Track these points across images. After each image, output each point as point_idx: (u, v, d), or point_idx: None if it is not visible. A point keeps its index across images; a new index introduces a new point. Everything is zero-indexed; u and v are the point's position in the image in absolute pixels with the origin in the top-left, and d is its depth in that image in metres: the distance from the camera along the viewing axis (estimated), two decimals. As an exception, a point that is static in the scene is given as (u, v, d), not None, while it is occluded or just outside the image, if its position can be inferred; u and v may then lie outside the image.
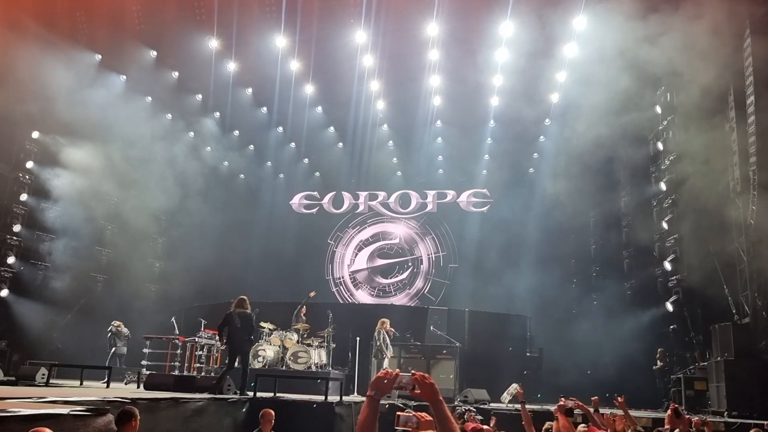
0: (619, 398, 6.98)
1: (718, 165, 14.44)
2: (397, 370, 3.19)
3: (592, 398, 6.76)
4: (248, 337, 11.61)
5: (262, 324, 15.26)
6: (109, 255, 20.11)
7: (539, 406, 12.18)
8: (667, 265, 16.47)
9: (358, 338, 15.85)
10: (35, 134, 17.72)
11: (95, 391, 10.14)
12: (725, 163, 14.52)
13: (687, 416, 5.96)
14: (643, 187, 17.96)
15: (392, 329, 14.40)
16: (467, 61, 17.52)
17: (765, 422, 9.30)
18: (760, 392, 12.27)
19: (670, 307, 16.19)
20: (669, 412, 6.83)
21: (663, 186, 16.87)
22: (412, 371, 3.20)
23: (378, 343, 14.03)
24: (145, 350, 15.09)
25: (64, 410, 6.10)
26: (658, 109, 16.93)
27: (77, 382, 12.20)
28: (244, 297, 11.77)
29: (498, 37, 16.66)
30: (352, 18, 15.99)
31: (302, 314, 15.83)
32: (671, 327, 16.39)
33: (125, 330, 15.37)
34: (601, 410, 6.69)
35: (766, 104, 12.97)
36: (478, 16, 15.91)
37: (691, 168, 14.76)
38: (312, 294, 16.17)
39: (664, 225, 16.71)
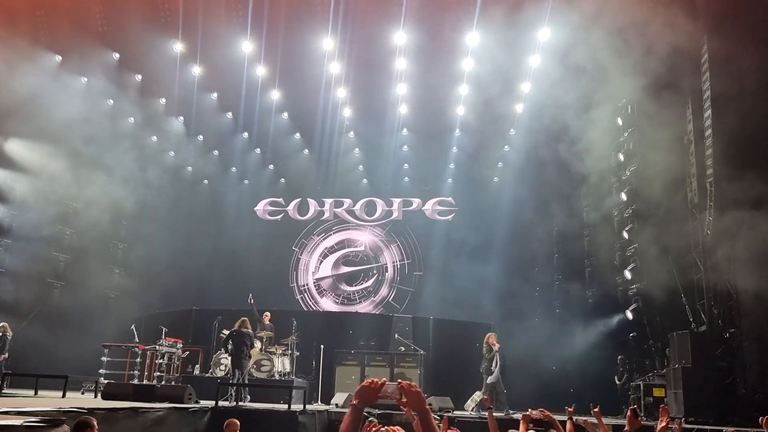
0: (594, 408, 7.21)
1: (677, 176, 14.81)
2: (384, 379, 3.17)
3: (567, 408, 6.87)
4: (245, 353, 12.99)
5: (225, 331, 15.04)
6: (67, 260, 19.59)
7: (503, 414, 12.26)
8: (627, 274, 16.80)
9: (322, 346, 15.75)
10: (-8, 137, 17.20)
11: (50, 401, 9.84)
12: (684, 175, 14.90)
13: (665, 420, 6.20)
14: (604, 197, 18.31)
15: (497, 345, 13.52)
16: (434, 70, 17.69)
17: (722, 428, 9.55)
18: (716, 399, 12.58)
19: (629, 315, 16.51)
20: (629, 413, 7.51)
21: (623, 196, 17.23)
22: (399, 380, 3.18)
23: (490, 357, 13.33)
24: (103, 359, 14.70)
25: (17, 421, 5.89)
26: (620, 121, 17.30)
27: (31, 392, 11.82)
28: (245, 318, 13.46)
29: (464, 46, 16.85)
30: (320, 24, 15.95)
31: (266, 321, 15.66)
32: (631, 335, 16.72)
33: (10, 334, 14.94)
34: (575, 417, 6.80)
35: (722, 118, 13.33)
36: (445, 26, 16.07)
37: (650, 179, 15.11)
38: (250, 300, 15.93)
39: (625, 235, 17.06)
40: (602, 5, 14.01)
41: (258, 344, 15.00)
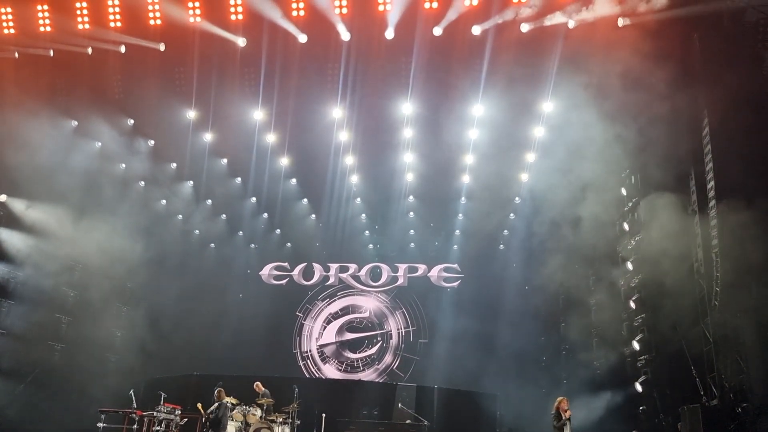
0: None
1: (683, 246, 14.81)
2: None
3: None
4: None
5: (226, 399, 14.78)
6: (69, 323, 19.48)
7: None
8: (635, 345, 16.55)
9: (323, 415, 15.41)
10: (2, 197, 17.47)
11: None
12: (689, 245, 14.90)
13: None
14: (610, 267, 18.24)
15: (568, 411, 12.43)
16: (440, 139, 18.02)
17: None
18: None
19: (639, 387, 16.15)
20: None
21: (630, 266, 17.17)
22: None
23: (560, 425, 12.31)
24: (100, 425, 14.35)
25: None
26: (624, 191, 17.45)
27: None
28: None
29: (470, 117, 17.24)
30: (329, 94, 16.42)
31: (259, 390, 15.30)
32: (641, 408, 16.29)
33: None
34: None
35: (724, 189, 13.45)
36: (451, 97, 16.48)
37: (656, 249, 15.11)
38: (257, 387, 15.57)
39: (632, 305, 16.90)
40: (604, 82, 14.40)
41: (258, 412, 14.69)
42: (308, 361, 24.62)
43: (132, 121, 18.43)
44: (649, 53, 13.75)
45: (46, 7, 14.85)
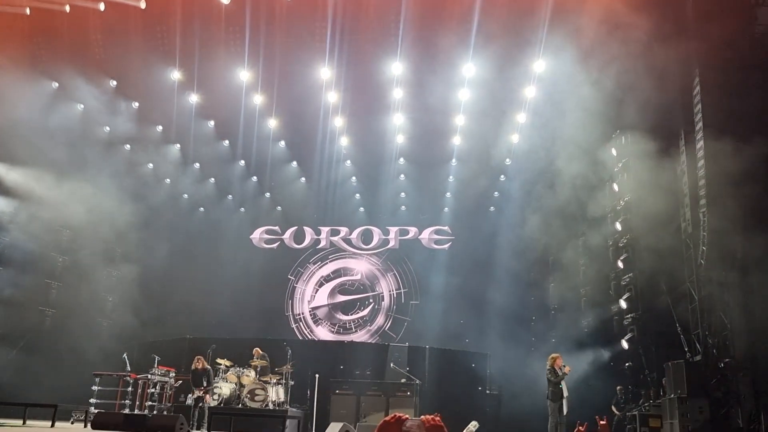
0: (601, 421, 7.04)
1: (671, 206, 14.89)
2: (405, 415, 3.11)
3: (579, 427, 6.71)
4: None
5: (219, 360, 14.91)
6: (59, 288, 19.45)
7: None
8: (623, 304, 16.75)
9: (317, 375, 15.58)
10: (-14, 163, 17.23)
11: (39, 430, 9.69)
12: (677, 204, 14.97)
13: None
14: (599, 228, 18.33)
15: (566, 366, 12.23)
16: (430, 101, 17.81)
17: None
18: (712, 430, 12.46)
19: (625, 344, 16.41)
20: None
21: (618, 226, 17.26)
22: (422, 417, 3.13)
23: (556, 381, 12.04)
24: (94, 388, 14.48)
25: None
26: (614, 152, 17.42)
27: (20, 422, 11.63)
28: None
29: (460, 77, 17.04)
30: (317, 54, 16.15)
31: (255, 356, 15.43)
32: (627, 364, 16.59)
33: None
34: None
35: (714, 149, 13.45)
36: (441, 57, 16.25)
37: (644, 209, 15.18)
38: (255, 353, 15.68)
39: (620, 264, 17.04)
40: (595, 39, 14.23)
41: (252, 373, 14.84)
42: (301, 323, 24.79)
43: (114, 83, 18.07)
44: (641, 7, 13.58)
45: (20, -37, 14.41)
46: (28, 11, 14.96)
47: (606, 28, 13.92)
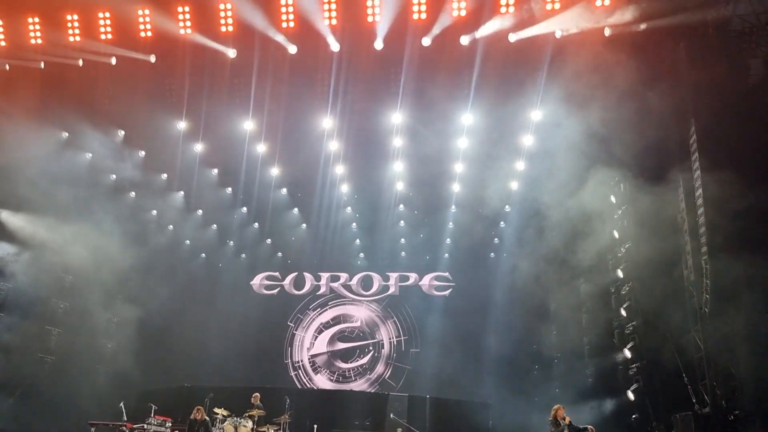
0: None
1: (672, 253, 14.90)
2: None
3: None
4: None
5: (216, 410, 14.72)
6: (59, 335, 19.34)
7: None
8: (627, 353, 16.59)
9: (315, 425, 15.36)
10: (-7, 208, 17.39)
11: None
12: (679, 251, 14.98)
13: None
14: (601, 274, 18.32)
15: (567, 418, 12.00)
16: (429, 149, 18.09)
17: None
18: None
19: (631, 395, 16.18)
20: None
21: (620, 273, 17.25)
22: None
23: None
24: (90, 437, 14.27)
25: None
26: (613, 199, 17.55)
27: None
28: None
29: (459, 125, 17.32)
30: (320, 104, 16.49)
31: (255, 402, 15.24)
32: (633, 416, 16.33)
33: None
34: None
35: (713, 195, 13.55)
36: (440, 107, 16.55)
37: (645, 256, 15.19)
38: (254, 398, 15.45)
39: (623, 312, 16.96)
40: (590, 86, 14.50)
41: (249, 423, 14.63)
42: (300, 371, 24.53)
43: (123, 132, 18.40)
44: (636, 62, 13.89)
45: (37, 19, 14.80)
46: (42, 65, 15.33)
47: (601, 75, 14.20)
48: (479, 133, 17.46)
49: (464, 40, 14.34)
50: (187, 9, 14.52)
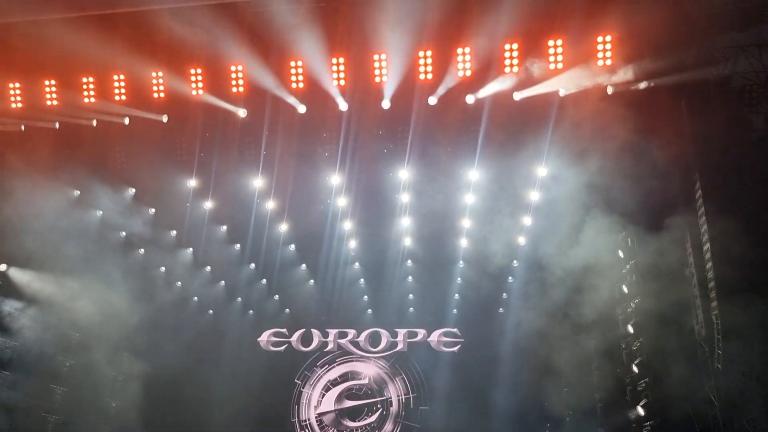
0: None
1: (682, 307, 14.79)
2: None
3: None
4: None
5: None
6: (64, 393, 19.14)
7: None
8: (640, 410, 16.27)
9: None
10: (2, 266, 17.50)
11: None
12: (689, 306, 14.87)
13: None
14: (611, 330, 18.12)
15: None
16: (437, 204, 18.27)
17: None
18: None
19: (646, 454, 15.81)
20: None
21: (630, 329, 17.08)
22: None
23: None
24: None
25: None
26: (620, 253, 17.55)
27: None
28: None
29: (466, 181, 17.53)
30: (328, 161, 16.80)
31: None
32: (648, 476, 15.90)
33: None
34: None
35: (721, 248, 13.56)
36: (447, 162, 16.84)
37: (655, 311, 15.08)
38: None
39: (635, 368, 16.72)
40: (595, 144, 14.72)
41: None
42: (307, 430, 24.07)
43: (133, 190, 18.68)
44: (639, 117, 14.13)
45: (53, 81, 15.27)
46: (57, 125, 15.73)
47: (604, 131, 14.42)
48: (485, 189, 17.65)
49: (470, 98, 14.65)
50: (199, 71, 14.94)
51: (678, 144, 14.50)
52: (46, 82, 15.30)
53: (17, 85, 15.37)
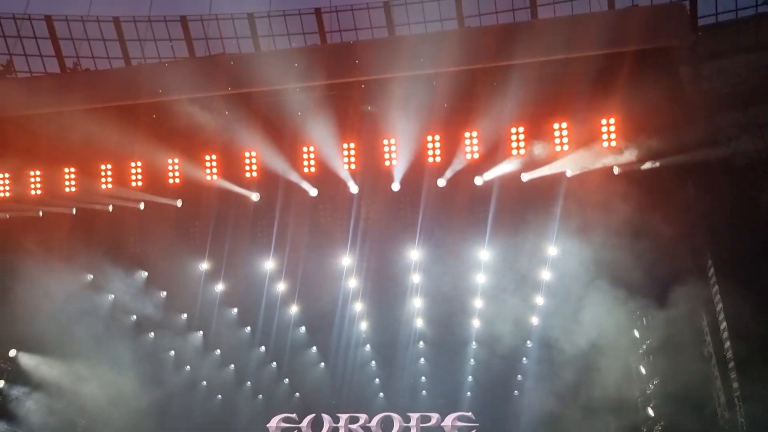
0: None
1: (703, 388, 14.43)
2: None
3: None
4: None
5: None
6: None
7: None
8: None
9: None
10: (12, 352, 17.44)
11: None
12: (709, 386, 14.50)
13: None
14: (630, 412, 17.56)
15: None
16: (448, 285, 18.22)
17: None
18: None
19: None
20: None
21: (650, 412, 16.58)
22: None
23: None
24: None
25: None
26: (636, 333, 17.27)
27: None
28: None
29: (476, 261, 17.54)
30: (339, 243, 16.94)
31: None
32: None
33: None
34: None
35: (737, 328, 13.36)
36: (457, 243, 16.93)
37: (675, 393, 14.68)
38: None
39: (658, 453, 16.12)
40: (605, 223, 14.79)
41: None
42: None
43: (146, 274, 18.81)
44: (647, 196, 14.24)
45: (73, 169, 15.74)
46: (74, 211, 16.08)
47: (613, 209, 14.50)
48: (496, 269, 17.63)
49: (478, 180, 14.90)
50: (214, 157, 15.40)
51: (685, 221, 14.58)
52: (66, 170, 15.77)
53: (38, 172, 15.87)
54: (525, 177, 14.72)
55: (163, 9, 20.29)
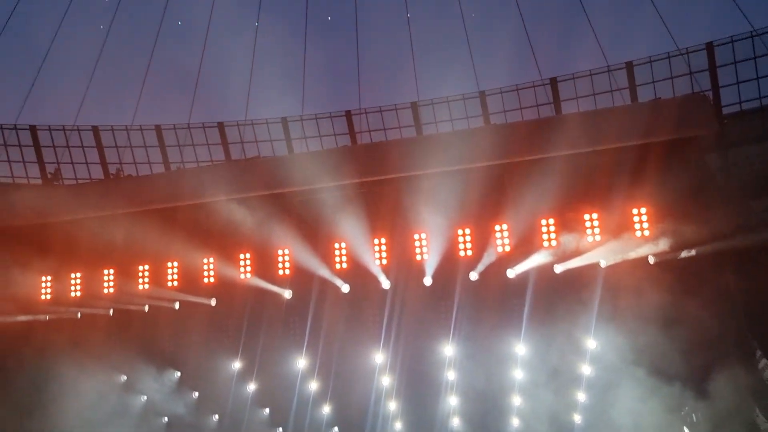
0: None
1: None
2: None
3: None
4: None
5: None
6: None
7: None
8: None
9: None
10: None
11: None
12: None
13: None
14: None
15: None
16: (484, 380, 17.70)
17: None
18: None
19: None
20: None
21: None
22: None
23: None
24: None
25: None
26: (686, 430, 16.40)
27: None
28: None
29: (513, 356, 17.13)
30: (372, 340, 16.79)
31: None
32: None
33: None
34: None
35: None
36: (492, 337, 16.64)
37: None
38: None
39: None
40: (645, 314, 14.46)
41: None
42: None
43: (179, 374, 18.75)
44: (685, 284, 13.98)
45: (112, 271, 16.16)
46: (111, 312, 16.36)
47: (651, 299, 14.22)
48: (533, 364, 17.15)
49: (510, 273, 14.86)
50: (248, 255, 15.73)
51: (729, 308, 14.20)
52: (105, 271, 16.20)
53: (78, 275, 16.31)
54: (558, 268, 14.65)
55: (201, 117, 21.43)
